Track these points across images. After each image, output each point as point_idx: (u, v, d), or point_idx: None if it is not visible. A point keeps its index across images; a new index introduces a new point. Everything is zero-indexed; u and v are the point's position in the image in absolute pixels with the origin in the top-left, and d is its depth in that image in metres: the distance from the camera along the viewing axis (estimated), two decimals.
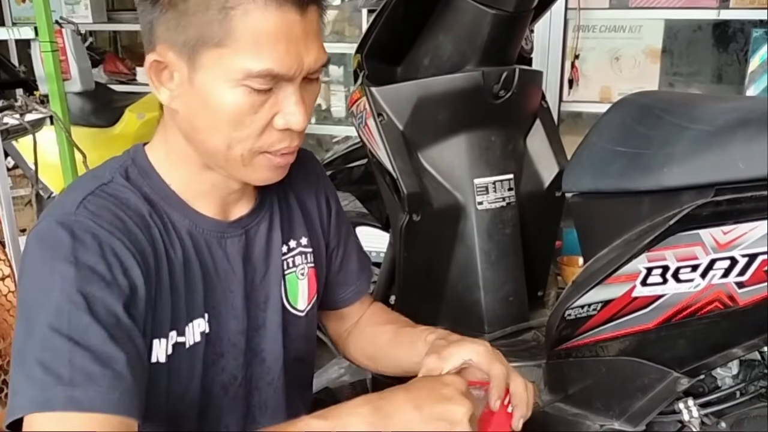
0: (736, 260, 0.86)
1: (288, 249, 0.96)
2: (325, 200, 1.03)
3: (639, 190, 1.04)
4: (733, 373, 1.13)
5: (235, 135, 0.78)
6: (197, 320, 0.84)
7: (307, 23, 0.76)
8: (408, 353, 0.97)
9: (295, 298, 0.97)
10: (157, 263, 0.80)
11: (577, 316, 1.13)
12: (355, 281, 1.10)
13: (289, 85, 0.76)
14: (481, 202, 1.62)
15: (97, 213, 0.76)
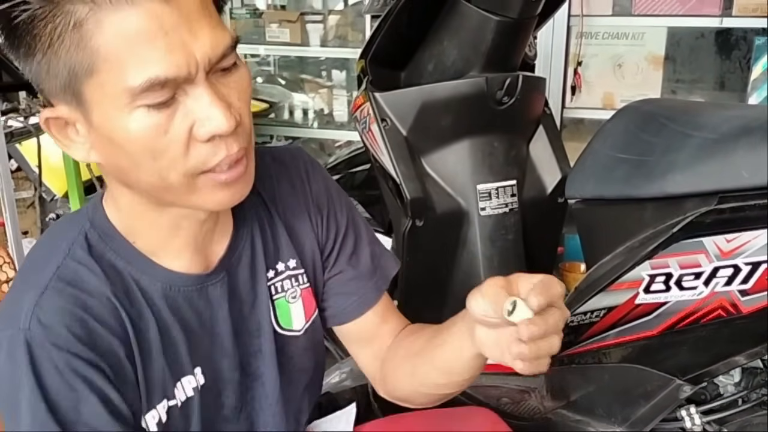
0: (739, 268, 0.86)
1: (275, 273, 0.88)
2: (315, 205, 0.92)
3: (642, 197, 1.04)
4: (735, 381, 1.13)
5: (158, 164, 0.67)
6: (186, 377, 0.79)
7: (182, 6, 0.63)
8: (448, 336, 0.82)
9: (288, 321, 0.90)
10: (129, 350, 0.73)
11: (580, 322, 1.13)
12: (361, 288, 0.95)
13: (193, 86, 0.64)
14: (484, 208, 1.62)
15: (51, 326, 0.68)
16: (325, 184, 0.94)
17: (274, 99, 3.12)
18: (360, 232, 0.96)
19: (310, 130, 3.11)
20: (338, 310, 0.95)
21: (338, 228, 0.94)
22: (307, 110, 3.14)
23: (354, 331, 0.97)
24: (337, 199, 0.95)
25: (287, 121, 3.13)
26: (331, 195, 0.94)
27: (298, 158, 0.93)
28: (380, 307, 0.96)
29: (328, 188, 0.94)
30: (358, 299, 0.95)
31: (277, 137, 3.20)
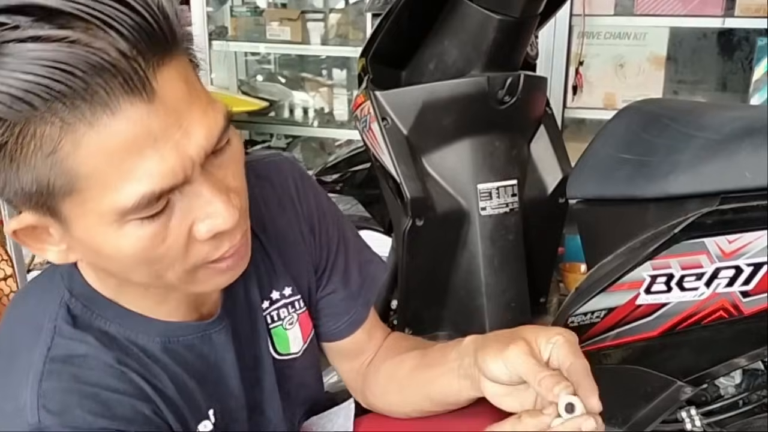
0: (741, 269, 0.86)
1: (270, 303, 0.85)
2: (307, 225, 0.87)
3: (644, 197, 1.04)
4: (736, 383, 1.12)
5: (154, 269, 0.61)
6: (203, 422, 0.75)
7: (167, 100, 0.54)
8: (440, 373, 0.81)
9: (286, 347, 0.88)
10: (154, 404, 0.68)
11: (580, 323, 1.13)
12: (351, 308, 0.93)
13: (189, 186, 0.57)
14: (484, 208, 1.62)
15: (63, 411, 0.62)
16: (316, 200, 0.89)
17: (274, 97, 3.11)
18: (348, 245, 0.93)
19: (311, 129, 3.10)
20: (328, 330, 0.94)
21: (330, 246, 0.91)
22: (307, 109, 3.13)
23: (341, 347, 0.96)
24: (328, 214, 0.91)
25: (287, 120, 3.12)
26: (322, 211, 0.90)
27: (284, 172, 0.87)
28: (368, 323, 0.95)
29: (319, 204, 0.89)
30: (349, 319, 0.93)
31: (276, 136, 3.19)
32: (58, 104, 0.50)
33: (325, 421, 1.06)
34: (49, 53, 0.49)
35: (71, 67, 0.50)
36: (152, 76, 0.53)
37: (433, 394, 0.84)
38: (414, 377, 0.87)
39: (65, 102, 0.50)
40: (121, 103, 0.52)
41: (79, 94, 0.50)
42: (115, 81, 0.51)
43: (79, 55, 0.50)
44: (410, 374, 0.88)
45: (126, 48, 0.51)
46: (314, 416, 1.06)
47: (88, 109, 0.51)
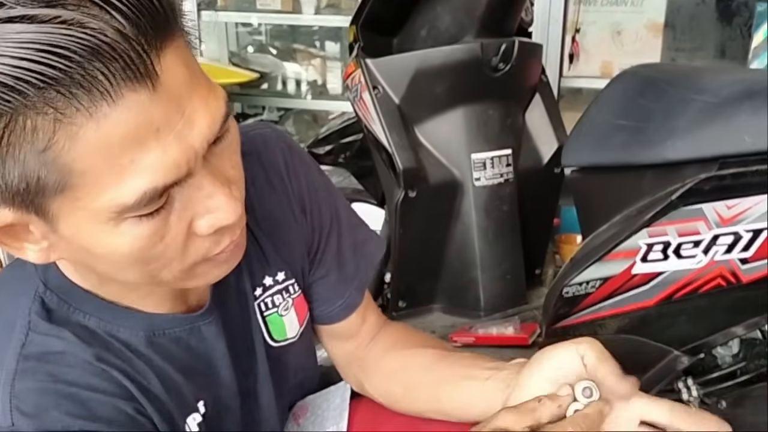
0: (739, 235, 0.83)
1: (263, 290, 0.81)
2: (298, 204, 0.82)
3: (640, 164, 1.01)
4: (734, 352, 1.10)
5: (151, 267, 0.57)
6: (192, 415, 0.72)
7: (170, 86, 0.49)
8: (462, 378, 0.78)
9: (282, 333, 0.85)
10: (137, 403, 0.64)
11: (575, 293, 1.10)
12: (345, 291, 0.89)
13: (191, 178, 0.53)
14: (478, 178, 1.60)
15: (37, 413, 0.57)
16: (307, 176, 0.83)
17: (265, 69, 3.07)
18: (342, 224, 0.88)
19: (303, 101, 3.06)
20: (321, 314, 0.91)
21: (322, 225, 0.86)
22: (300, 81, 3.09)
23: (333, 330, 0.93)
24: (321, 191, 0.85)
25: (280, 92, 3.09)
26: (314, 188, 0.84)
27: (272, 146, 0.81)
28: (362, 306, 0.92)
29: (311, 180, 0.84)
30: (343, 303, 0.89)
31: (269, 108, 3.15)
32: (53, 92, 0.45)
33: (321, 400, 1.04)
34: (42, 35, 0.44)
35: (67, 50, 0.44)
36: (156, 59, 0.48)
37: (447, 399, 0.81)
38: (427, 377, 0.84)
39: (61, 90, 0.45)
40: (122, 90, 0.46)
41: (77, 81, 0.45)
42: (116, 66, 0.46)
43: (75, 37, 0.44)
44: (422, 374, 0.84)
45: (126, 28, 0.46)
46: (310, 395, 1.04)
47: (86, 98, 0.46)
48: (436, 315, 1.70)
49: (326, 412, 1.03)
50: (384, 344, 0.94)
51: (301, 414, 1.04)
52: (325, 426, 1.01)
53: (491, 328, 1.51)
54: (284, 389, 0.90)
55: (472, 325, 1.57)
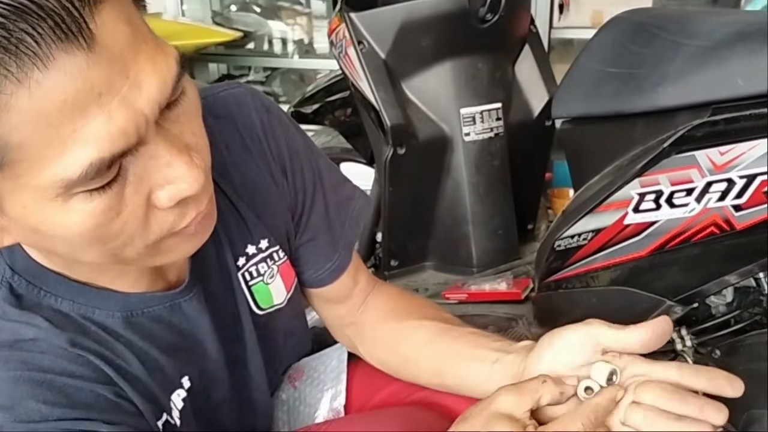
0: (733, 182, 0.81)
1: (246, 259, 0.78)
2: (278, 165, 0.78)
3: (632, 112, 0.98)
4: (728, 301, 1.10)
5: (111, 246, 0.53)
6: (176, 391, 0.70)
7: (111, 46, 0.45)
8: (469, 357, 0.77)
9: (268, 301, 0.82)
10: (116, 386, 0.61)
11: (567, 246, 1.09)
12: (334, 254, 0.86)
13: (144, 147, 0.49)
14: (468, 133, 1.57)
15: (12, 405, 0.54)
16: (285, 136, 0.79)
17: (249, 28, 3.00)
18: (325, 183, 0.85)
19: (290, 61, 3.01)
20: (310, 278, 0.88)
21: (305, 186, 0.82)
22: (286, 40, 3.03)
23: (324, 293, 0.91)
24: (301, 151, 0.81)
25: (266, 52, 3.03)
26: (294, 148, 0.80)
27: (246, 106, 0.76)
28: (351, 268, 0.89)
29: (290, 140, 0.80)
30: (332, 265, 0.87)
31: (254, 69, 3.10)
32: None
33: (317, 363, 1.03)
34: None
35: None
36: (89, 16, 0.44)
37: (451, 376, 0.79)
38: (428, 353, 0.82)
39: None
40: (54, 52, 0.42)
41: (1, 44, 0.41)
42: (44, 25, 0.42)
43: None
44: (423, 349, 0.82)
45: None
46: (306, 357, 1.03)
47: (14, 63, 0.42)
48: (428, 273, 1.68)
49: (323, 375, 1.02)
50: (379, 310, 0.92)
51: (297, 377, 1.03)
52: (323, 388, 1.00)
53: (484, 284, 1.50)
54: (274, 355, 0.89)
55: (465, 281, 1.56)
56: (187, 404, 0.73)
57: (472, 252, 1.62)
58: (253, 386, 0.86)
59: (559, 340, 0.65)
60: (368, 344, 0.92)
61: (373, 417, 0.86)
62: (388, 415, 0.85)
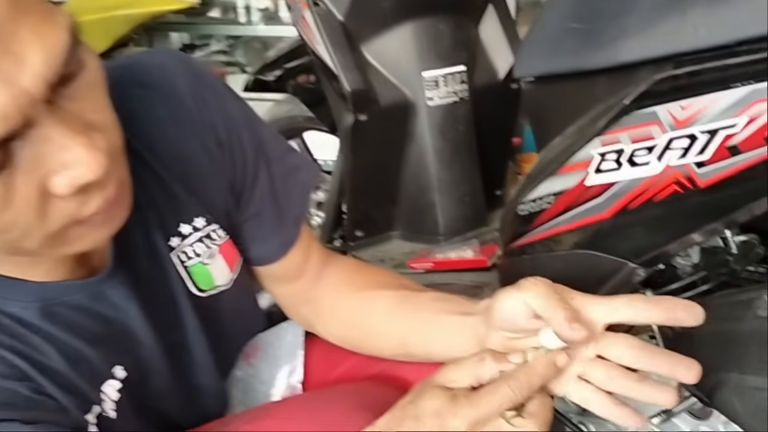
0: (695, 137, 0.78)
1: (181, 239, 0.73)
2: (213, 136, 0.73)
3: (593, 69, 0.94)
4: (694, 262, 1.07)
5: (7, 238, 0.49)
6: (107, 382, 0.66)
7: None
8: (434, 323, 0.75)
9: (209, 282, 0.78)
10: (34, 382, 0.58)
11: (530, 210, 1.06)
12: (281, 228, 0.83)
13: (33, 129, 0.45)
14: (431, 98, 1.52)
15: None
16: (219, 104, 0.73)
17: None
18: (268, 153, 0.80)
19: (254, 28, 2.92)
20: (257, 255, 0.84)
21: (246, 158, 0.77)
22: (249, 7, 2.94)
23: (273, 271, 0.86)
24: (238, 119, 0.76)
25: (228, 20, 2.95)
26: (230, 117, 0.75)
27: (173, 73, 0.71)
28: (302, 242, 0.85)
29: (224, 108, 0.74)
30: (279, 241, 0.83)
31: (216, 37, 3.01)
32: None
33: (273, 338, 1.00)
34: None
35: None
36: None
37: (415, 345, 0.77)
38: (390, 324, 0.79)
39: None
40: None
41: None
42: None
43: None
44: (384, 320, 0.80)
45: None
46: (261, 333, 1.00)
47: None
48: (395, 242, 1.65)
49: (278, 351, 0.98)
50: (335, 284, 0.88)
51: (252, 353, 1.00)
52: (279, 364, 0.97)
53: (450, 253, 1.47)
54: (221, 338, 0.85)
55: (431, 250, 1.53)
56: (124, 395, 0.69)
57: (439, 220, 1.58)
58: (199, 371, 0.82)
59: (498, 309, 0.63)
60: (326, 321, 0.89)
61: (328, 394, 0.83)
62: (344, 392, 0.82)
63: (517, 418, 0.57)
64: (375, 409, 0.74)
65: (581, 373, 0.62)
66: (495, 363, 0.59)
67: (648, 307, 0.59)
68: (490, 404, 0.56)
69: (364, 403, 0.76)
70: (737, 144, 0.75)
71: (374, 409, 0.74)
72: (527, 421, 0.56)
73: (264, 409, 0.82)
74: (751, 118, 0.72)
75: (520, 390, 0.56)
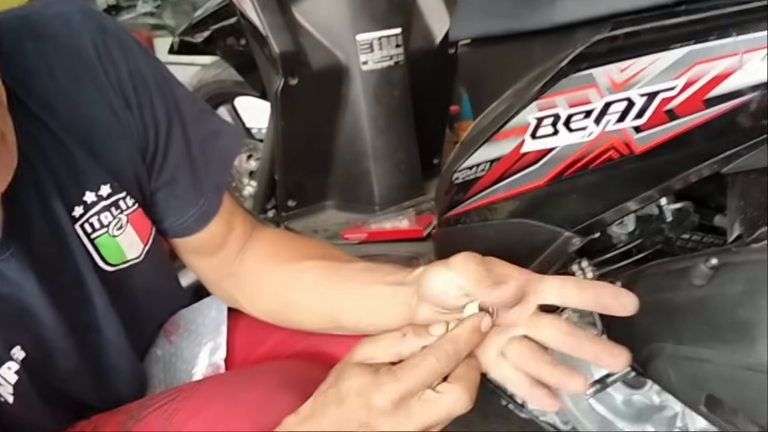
0: (632, 101, 0.75)
1: (84, 208, 0.67)
2: (119, 96, 0.67)
3: (530, 30, 0.90)
4: (629, 230, 1.06)
5: None
6: (5, 365, 0.62)
7: None
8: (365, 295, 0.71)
9: (118, 256, 0.72)
10: None
11: (465, 178, 1.02)
12: (199, 197, 0.78)
13: None
14: (365, 62, 1.47)
15: None
16: (127, 61, 0.68)
17: None
18: (185, 116, 0.74)
19: None
20: (172, 226, 0.78)
21: (157, 120, 0.71)
22: None
23: (193, 244, 0.81)
24: (150, 78, 0.70)
25: None
26: (140, 76, 0.69)
27: (77, 27, 0.65)
28: (224, 213, 0.80)
29: (134, 67, 0.68)
30: (197, 211, 0.77)
31: None
32: None
33: (195, 314, 0.95)
34: None
35: None
36: None
37: (346, 318, 0.73)
38: (318, 297, 0.75)
39: None
40: None
41: None
42: None
43: None
44: (312, 292, 0.76)
45: None
46: (182, 310, 0.94)
47: None
48: (329, 213, 1.60)
49: (201, 327, 0.93)
50: (259, 256, 0.83)
51: (173, 330, 0.94)
52: (201, 341, 0.92)
53: (385, 223, 1.43)
54: (136, 316, 0.79)
55: (366, 220, 1.49)
56: (24, 377, 0.63)
57: (374, 189, 1.54)
58: (111, 351, 0.76)
59: (427, 285, 0.60)
60: (250, 295, 0.84)
61: (250, 374, 0.78)
62: (266, 371, 0.78)
63: (442, 383, 0.54)
64: (299, 387, 0.70)
65: (503, 350, 0.59)
66: (416, 338, 0.56)
67: (578, 293, 0.56)
68: (415, 377, 0.53)
69: (287, 382, 0.72)
70: (675, 108, 0.72)
71: (298, 387, 0.71)
72: (453, 385, 0.53)
73: (181, 390, 0.77)
74: (689, 81, 0.70)
75: (447, 361, 0.53)
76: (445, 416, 0.53)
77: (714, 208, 1.04)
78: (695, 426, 0.98)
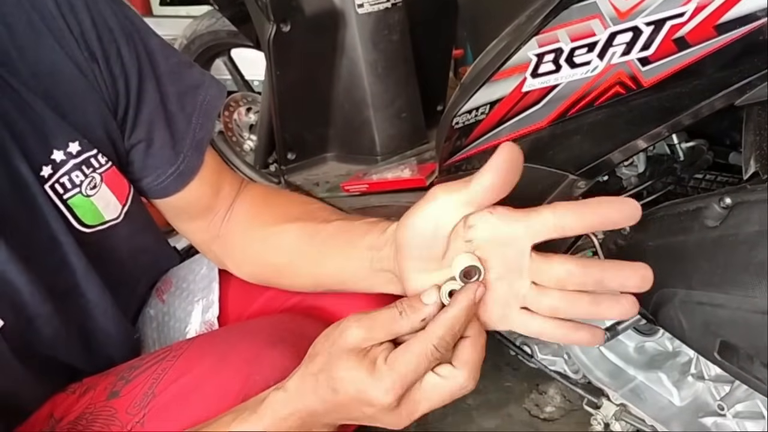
0: (639, 31, 0.69)
1: (53, 168, 0.64)
2: (83, 47, 0.63)
3: None
4: (639, 172, 1.01)
5: None
6: None
7: None
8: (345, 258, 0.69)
9: (95, 216, 0.69)
10: None
11: (465, 123, 0.97)
12: (177, 155, 0.74)
13: None
14: (361, 5, 1.40)
15: None
16: (92, 10, 0.64)
17: None
18: (159, 68, 0.70)
19: None
20: (151, 186, 0.75)
21: (128, 72, 0.67)
22: None
23: (176, 205, 0.77)
24: (117, 27, 0.66)
25: None
26: (107, 26, 0.65)
27: None
28: (207, 172, 0.76)
29: (100, 15, 0.64)
30: (176, 170, 0.74)
31: None
32: None
33: (186, 272, 0.92)
34: None
35: None
36: None
37: (328, 278, 0.72)
38: (300, 259, 0.73)
39: None
40: None
41: None
42: None
43: None
44: (294, 255, 0.74)
45: None
46: (173, 268, 0.92)
47: None
48: (330, 164, 1.55)
49: (192, 285, 0.91)
50: (243, 218, 0.80)
51: (165, 289, 0.92)
52: (193, 299, 0.89)
53: (386, 173, 1.39)
54: (120, 278, 0.77)
55: (367, 171, 1.44)
56: (4, 346, 0.62)
57: (375, 138, 1.49)
58: (97, 314, 0.74)
59: (407, 234, 0.56)
60: (236, 258, 0.82)
61: (240, 330, 0.75)
62: (256, 327, 0.75)
63: (446, 366, 0.52)
64: (289, 342, 0.69)
65: (525, 305, 0.55)
66: (413, 313, 0.53)
67: (576, 217, 0.51)
68: (415, 369, 0.51)
69: (277, 338, 0.70)
70: (684, 36, 0.66)
71: (288, 342, 0.69)
72: (457, 370, 0.52)
73: (172, 350, 0.75)
74: (699, 5, 0.64)
75: (445, 346, 0.51)
76: (448, 400, 0.52)
77: (729, 145, 0.99)
78: (709, 372, 0.95)
